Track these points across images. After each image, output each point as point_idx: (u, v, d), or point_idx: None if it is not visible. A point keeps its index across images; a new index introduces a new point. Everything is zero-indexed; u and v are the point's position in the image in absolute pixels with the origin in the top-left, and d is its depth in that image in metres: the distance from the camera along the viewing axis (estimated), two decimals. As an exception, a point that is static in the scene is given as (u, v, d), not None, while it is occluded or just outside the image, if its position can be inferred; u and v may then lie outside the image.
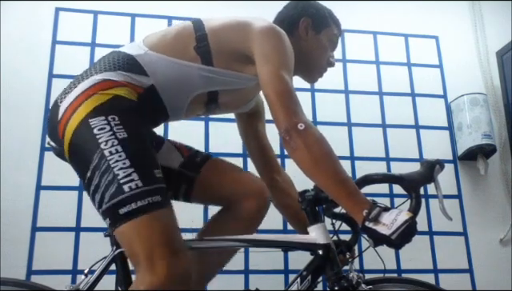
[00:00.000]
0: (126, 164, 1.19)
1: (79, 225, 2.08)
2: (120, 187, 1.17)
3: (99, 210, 1.22)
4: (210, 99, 1.45)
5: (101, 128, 1.22)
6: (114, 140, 1.21)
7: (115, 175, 1.18)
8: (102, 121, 1.23)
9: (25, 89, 2.22)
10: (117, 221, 1.18)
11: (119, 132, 1.23)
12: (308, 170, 1.26)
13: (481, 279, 2.30)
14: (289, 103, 1.28)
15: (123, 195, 1.17)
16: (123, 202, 1.17)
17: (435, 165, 1.38)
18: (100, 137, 1.22)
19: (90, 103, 1.26)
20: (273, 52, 1.35)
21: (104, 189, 1.19)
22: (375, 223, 1.21)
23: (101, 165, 1.20)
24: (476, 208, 2.43)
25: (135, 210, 1.16)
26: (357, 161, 2.39)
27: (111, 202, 1.18)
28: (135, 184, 1.18)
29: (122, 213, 1.17)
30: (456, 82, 2.61)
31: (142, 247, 1.17)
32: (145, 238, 1.17)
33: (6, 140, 2.13)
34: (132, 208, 1.16)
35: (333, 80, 2.44)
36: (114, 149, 1.20)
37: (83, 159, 1.24)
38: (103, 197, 1.19)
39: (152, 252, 1.16)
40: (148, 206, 1.17)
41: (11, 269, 1.88)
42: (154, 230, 1.18)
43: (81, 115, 1.25)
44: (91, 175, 1.21)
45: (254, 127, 1.73)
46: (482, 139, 2.40)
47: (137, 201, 1.17)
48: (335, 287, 1.38)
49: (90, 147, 1.22)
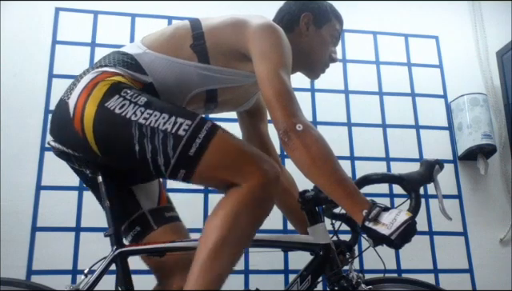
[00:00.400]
0: (166, 117, 1.21)
1: (79, 225, 2.08)
2: (176, 136, 1.19)
3: (168, 170, 1.21)
4: (209, 98, 1.45)
5: (121, 105, 1.23)
6: (139, 108, 1.23)
7: (165, 130, 1.20)
8: (117, 99, 1.24)
9: (25, 89, 2.22)
10: (193, 163, 1.20)
11: (139, 99, 1.24)
12: (307, 171, 1.25)
13: (481, 279, 2.30)
14: (287, 103, 1.27)
15: (184, 139, 1.19)
16: (188, 145, 1.19)
17: (435, 165, 1.37)
18: (126, 113, 1.22)
19: (98, 91, 1.26)
20: (270, 49, 1.33)
21: (163, 148, 1.19)
22: (375, 223, 1.21)
23: (145, 132, 1.20)
24: (476, 208, 2.43)
25: (202, 143, 1.20)
26: (357, 161, 2.39)
27: (177, 151, 1.19)
28: (186, 124, 1.21)
29: (193, 153, 1.19)
30: (456, 82, 2.62)
31: (228, 166, 1.21)
32: (226, 157, 1.21)
33: (5, 140, 2.13)
34: (198, 143, 1.19)
35: (333, 80, 2.44)
36: (146, 113, 1.22)
37: (122, 140, 1.23)
38: (166, 154, 1.19)
39: (240, 164, 1.21)
40: (209, 133, 1.21)
41: (11, 269, 1.88)
42: (230, 147, 1.23)
43: (95, 104, 1.25)
44: (141, 147, 1.21)
45: (256, 126, 1.73)
46: (482, 139, 2.40)
47: (198, 135, 1.20)
48: (335, 287, 1.38)
49: (122, 127, 1.22)
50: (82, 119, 1.25)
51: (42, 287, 1.38)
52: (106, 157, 1.29)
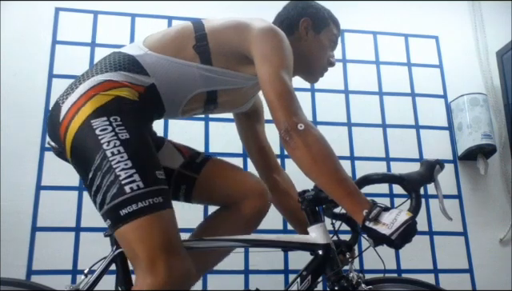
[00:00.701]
0: (128, 165, 1.19)
1: (79, 225, 2.08)
2: (121, 188, 1.17)
3: (100, 211, 1.22)
4: (209, 99, 1.45)
5: (103, 129, 1.22)
6: (116, 141, 1.21)
7: (117, 176, 1.18)
8: (104, 121, 1.23)
9: (25, 89, 2.22)
10: (118, 221, 1.18)
11: (121, 133, 1.23)
12: (308, 170, 1.26)
13: (481, 279, 2.30)
14: (288, 103, 1.28)
15: (125, 196, 1.17)
16: (124, 203, 1.17)
17: (435, 165, 1.37)
18: (102, 138, 1.22)
19: (92, 104, 1.26)
20: (272, 52, 1.34)
21: (105, 190, 1.19)
22: (375, 223, 1.21)
23: (103, 166, 1.20)
24: (476, 208, 2.43)
25: (136, 211, 1.16)
26: (357, 161, 2.39)
27: (112, 203, 1.18)
28: (137, 185, 1.18)
29: (123, 214, 1.17)
30: (456, 82, 2.62)
31: (142, 248, 1.17)
32: (145, 240, 1.17)
33: (6, 139, 2.13)
34: (133, 209, 1.16)
35: (333, 80, 2.44)
36: (116, 149, 1.20)
37: (85, 160, 1.23)
38: (104, 197, 1.19)
39: (153, 253, 1.16)
40: (149, 207, 1.17)
41: (11, 269, 1.88)
42: (155, 231, 1.17)
43: (83, 116, 1.25)
44: (93, 175, 1.21)
45: (253, 127, 1.73)
46: (482, 139, 2.40)
47: (138, 202, 1.17)
48: (335, 287, 1.38)
49: (92, 148, 1.22)
50: (68, 127, 1.26)
51: (42, 287, 1.37)
52: (73, 164, 1.31)
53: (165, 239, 1.18)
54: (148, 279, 1.15)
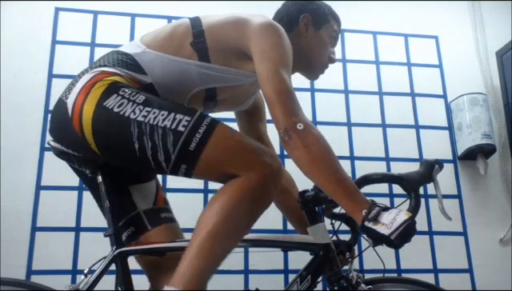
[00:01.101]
0: (164, 114, 1.21)
1: (79, 225, 2.08)
2: (176, 131, 1.19)
3: (169, 166, 1.21)
4: (209, 96, 1.45)
5: (119, 104, 1.23)
6: (138, 106, 1.23)
7: (164, 127, 1.20)
8: (116, 98, 1.24)
9: (25, 89, 2.22)
10: (193, 158, 1.19)
11: (137, 97, 1.24)
12: (307, 170, 1.25)
13: (481, 279, 2.30)
14: (288, 102, 1.27)
15: (183, 134, 1.19)
16: (188, 140, 1.19)
17: (434, 164, 1.37)
18: (125, 112, 1.22)
19: (96, 90, 1.26)
20: (271, 49, 1.33)
21: (163, 144, 1.19)
22: (375, 223, 1.21)
23: (145, 130, 1.20)
24: (476, 208, 2.43)
25: (202, 137, 1.20)
26: (356, 160, 2.39)
27: (177, 147, 1.19)
28: (185, 120, 1.21)
29: (193, 148, 1.19)
30: (456, 82, 2.62)
31: (229, 160, 1.21)
32: (227, 151, 1.22)
33: (5, 139, 2.13)
34: (198, 138, 1.19)
35: (333, 80, 2.45)
36: (144, 111, 1.22)
37: (122, 139, 1.22)
38: (167, 150, 1.19)
39: (242, 158, 1.21)
40: (209, 127, 1.21)
41: (11, 269, 1.88)
42: (230, 141, 1.23)
43: (93, 104, 1.24)
44: (140, 144, 1.21)
45: (255, 126, 1.73)
46: (482, 139, 2.40)
47: (197, 130, 1.20)
48: (335, 287, 1.38)
49: (121, 126, 1.22)
50: (81, 119, 1.25)
51: (42, 287, 1.37)
52: (105, 155, 1.29)
53: (242, 143, 1.25)
54: (250, 173, 1.19)
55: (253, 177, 1.19)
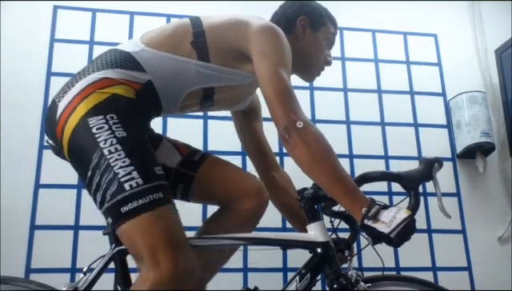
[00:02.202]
0: (126, 162, 1.19)
1: (78, 224, 2.08)
2: (121, 185, 1.17)
3: (101, 209, 1.22)
4: (206, 96, 1.45)
5: (99, 127, 1.22)
6: (113, 139, 1.21)
7: (115, 174, 1.18)
8: (100, 120, 1.23)
9: (23, 87, 2.22)
10: (119, 219, 1.18)
11: (118, 131, 1.23)
12: (307, 168, 1.26)
13: (479, 277, 2.30)
14: (287, 101, 1.28)
15: (124, 193, 1.17)
16: (125, 201, 1.17)
17: (434, 163, 1.37)
18: (99, 137, 1.21)
19: (88, 102, 1.26)
20: (270, 50, 1.34)
21: (105, 188, 1.19)
22: (374, 221, 1.21)
23: (101, 165, 1.20)
24: (475, 206, 2.43)
25: (137, 208, 1.17)
26: (355, 159, 2.39)
27: (113, 201, 1.18)
28: (136, 182, 1.18)
29: (124, 211, 1.17)
30: (455, 80, 2.62)
31: (145, 245, 1.17)
32: (148, 236, 1.17)
33: (4, 138, 2.12)
34: (134, 206, 1.17)
35: (331, 78, 2.44)
36: (113, 147, 1.20)
37: (83, 159, 1.24)
38: (104, 196, 1.19)
39: (155, 249, 1.16)
40: (150, 204, 1.18)
41: (10, 268, 1.88)
42: (157, 227, 1.18)
43: (79, 115, 1.25)
44: (92, 174, 1.21)
45: (251, 126, 1.73)
46: (481, 137, 2.40)
47: (138, 199, 1.17)
48: (334, 285, 1.38)
49: (89, 146, 1.22)
50: (64, 126, 1.27)
51: (41, 285, 1.37)
52: (71, 164, 1.31)
53: (167, 234, 1.18)
54: (151, 275, 1.15)
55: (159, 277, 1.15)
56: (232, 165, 1.61)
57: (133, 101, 1.31)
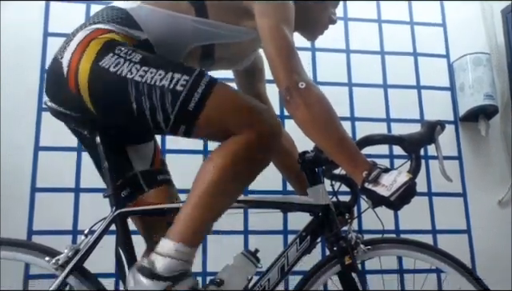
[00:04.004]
0: (162, 73, 1.20)
1: (79, 186, 2.08)
2: (174, 91, 1.18)
3: (168, 127, 1.20)
4: (205, 54, 1.41)
5: (116, 64, 1.21)
6: (135, 65, 1.20)
7: (162, 87, 1.18)
8: (112, 57, 1.22)
9: (21, 48, 2.18)
10: (192, 118, 1.19)
11: (133, 56, 1.22)
12: (308, 130, 1.24)
13: (479, 240, 2.32)
14: (289, 61, 1.25)
15: (182, 94, 1.18)
16: (186, 100, 1.18)
17: (436, 126, 1.36)
18: (121, 71, 1.20)
19: (92, 49, 1.23)
20: (273, 5, 1.30)
21: (161, 104, 1.18)
22: (375, 184, 1.21)
23: (142, 90, 1.19)
24: (476, 169, 2.43)
25: (201, 97, 1.18)
26: (357, 121, 2.38)
27: (176, 107, 1.18)
28: (183, 79, 1.19)
29: (192, 108, 1.18)
30: (459, 41, 2.57)
31: (229, 118, 1.21)
32: (226, 110, 1.21)
33: (3, 100, 2.10)
34: (197, 98, 1.18)
35: (334, 39, 2.40)
36: (141, 70, 1.20)
37: (119, 99, 1.21)
38: (165, 110, 1.18)
39: (241, 115, 1.21)
40: (207, 87, 1.20)
41: (12, 230, 1.89)
42: (229, 99, 1.23)
43: (89, 63, 1.22)
44: (138, 105, 1.19)
45: (254, 85, 1.70)
46: (484, 100, 2.37)
47: (196, 89, 1.19)
48: (334, 247, 1.40)
49: (118, 86, 1.20)
50: (77, 79, 1.23)
51: (43, 247, 1.38)
52: (103, 116, 1.28)
53: (242, 101, 1.25)
54: (249, 131, 1.19)
55: (251, 135, 1.19)
56: None
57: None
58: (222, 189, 1.19)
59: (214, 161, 1.20)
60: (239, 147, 1.19)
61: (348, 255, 1.37)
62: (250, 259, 1.36)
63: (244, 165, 1.20)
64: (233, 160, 1.18)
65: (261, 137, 1.20)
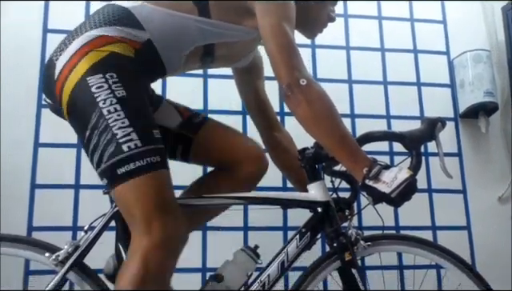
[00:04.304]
0: (125, 123, 1.18)
1: (78, 183, 2.08)
2: (119, 146, 1.16)
3: (97, 170, 1.21)
4: (206, 52, 1.41)
5: (99, 86, 1.20)
6: (112, 98, 1.19)
7: (114, 134, 1.17)
8: (99, 79, 1.21)
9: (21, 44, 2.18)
10: (115, 180, 1.18)
11: (118, 90, 1.21)
12: (309, 127, 1.25)
13: (478, 236, 2.32)
14: (291, 58, 1.26)
15: (122, 155, 1.16)
16: (122, 162, 1.16)
17: (436, 122, 1.37)
18: (98, 96, 1.20)
19: (87, 61, 1.24)
20: (274, 4, 1.31)
21: (103, 149, 1.18)
22: (375, 181, 1.21)
23: (99, 125, 1.18)
24: (476, 166, 2.43)
25: (134, 170, 1.16)
26: (357, 118, 2.37)
27: (110, 162, 1.17)
28: (134, 144, 1.17)
29: (120, 172, 1.16)
30: (459, 38, 2.56)
31: (138, 208, 1.17)
32: (141, 199, 1.17)
33: (3, 97, 2.10)
34: (130, 168, 1.16)
35: (334, 36, 2.40)
36: (112, 107, 1.19)
37: (82, 118, 1.22)
38: (102, 156, 1.18)
39: (148, 213, 1.16)
40: (146, 166, 1.17)
41: (12, 226, 1.89)
42: (151, 191, 1.17)
43: (78, 74, 1.23)
44: (90, 134, 1.20)
45: (253, 83, 1.70)
46: (484, 97, 2.37)
47: (135, 161, 1.16)
48: (334, 244, 1.40)
49: (88, 106, 1.20)
50: (63, 86, 1.24)
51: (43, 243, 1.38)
52: (70, 123, 1.29)
53: (160, 199, 1.18)
54: (144, 240, 1.15)
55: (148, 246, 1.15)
56: (232, 130, 1.60)
57: (132, 60, 1.28)
58: None
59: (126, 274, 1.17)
60: (142, 263, 1.14)
61: (348, 251, 1.37)
62: (250, 255, 1.36)
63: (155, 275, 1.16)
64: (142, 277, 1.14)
65: (156, 247, 1.15)
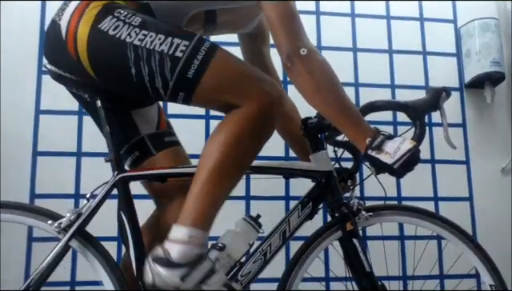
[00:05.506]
0: (161, 38, 1.17)
1: (80, 150, 2.08)
2: (173, 57, 1.16)
3: (167, 94, 1.19)
4: (208, 19, 1.39)
5: (115, 27, 1.18)
6: (134, 28, 1.18)
7: (161, 52, 1.16)
8: (110, 20, 1.19)
9: (20, 11, 2.15)
10: (191, 85, 1.17)
11: (133, 19, 1.19)
12: (310, 97, 1.23)
13: (480, 207, 2.32)
14: (291, 26, 1.23)
15: (181, 61, 1.16)
16: (186, 66, 1.16)
17: (442, 92, 1.35)
18: (120, 35, 1.18)
19: (91, 11, 1.21)
20: None
21: (160, 70, 1.16)
22: (378, 151, 1.20)
23: (141, 55, 1.17)
24: (479, 137, 2.41)
25: (201, 64, 1.16)
26: (361, 87, 2.35)
27: (175, 74, 1.16)
28: (183, 45, 1.17)
29: (191, 75, 1.16)
30: (467, 6, 2.51)
31: (229, 86, 1.19)
32: (227, 77, 1.19)
33: (3, 63, 2.08)
34: (196, 64, 1.16)
35: (338, 3, 2.35)
36: (141, 34, 1.17)
37: (117, 63, 1.19)
38: (164, 76, 1.17)
39: (242, 84, 1.19)
40: (207, 53, 1.17)
41: (14, 193, 1.90)
42: (230, 67, 1.20)
43: (87, 26, 1.20)
44: (137, 69, 1.17)
45: (258, 49, 1.68)
46: (491, 66, 2.33)
47: (196, 56, 1.16)
48: (336, 214, 1.40)
49: (117, 49, 1.18)
50: (76, 42, 1.20)
51: (46, 211, 1.38)
52: (102, 80, 1.26)
53: (243, 69, 1.22)
54: (251, 103, 1.17)
55: (253, 108, 1.17)
56: None
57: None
58: (229, 169, 1.18)
59: (217, 140, 1.18)
60: (241, 122, 1.17)
61: (349, 221, 1.38)
62: (252, 224, 1.36)
63: (248, 140, 1.19)
64: (236, 137, 1.17)
65: (262, 109, 1.18)
